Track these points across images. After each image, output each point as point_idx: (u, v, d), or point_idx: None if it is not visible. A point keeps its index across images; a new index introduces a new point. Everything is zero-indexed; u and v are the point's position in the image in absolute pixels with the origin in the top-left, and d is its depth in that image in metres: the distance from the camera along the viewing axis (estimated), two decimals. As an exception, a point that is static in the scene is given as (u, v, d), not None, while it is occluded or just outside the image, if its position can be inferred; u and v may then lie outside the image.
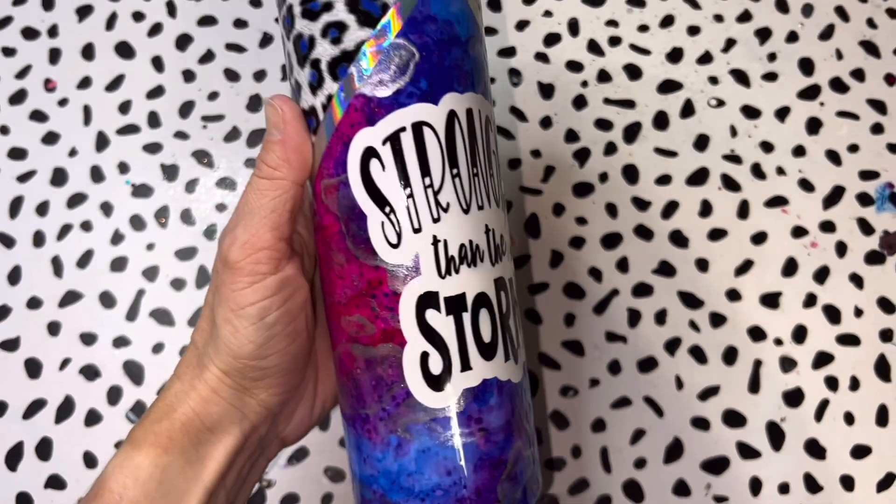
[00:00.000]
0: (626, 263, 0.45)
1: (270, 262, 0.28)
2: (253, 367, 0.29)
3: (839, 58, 0.49)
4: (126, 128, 0.48)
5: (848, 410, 0.43)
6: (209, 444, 0.29)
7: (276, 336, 0.29)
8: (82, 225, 0.46)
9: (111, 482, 0.28)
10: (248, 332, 0.28)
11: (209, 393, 0.29)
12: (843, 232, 0.46)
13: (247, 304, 0.28)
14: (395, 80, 0.27)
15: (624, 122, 0.47)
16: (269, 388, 0.30)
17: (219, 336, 0.28)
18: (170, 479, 0.28)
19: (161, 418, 0.29)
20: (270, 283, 0.28)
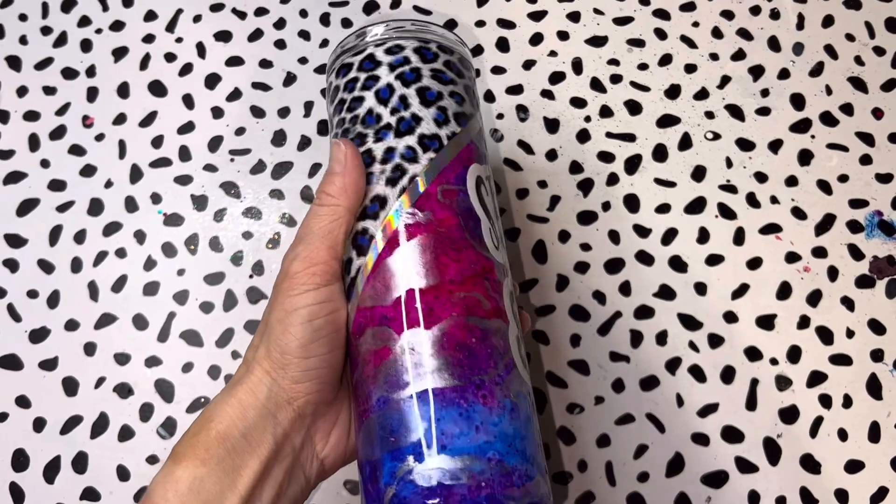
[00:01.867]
0: (628, 287, 0.48)
1: (324, 275, 0.32)
2: (295, 366, 0.32)
3: (829, 93, 0.51)
4: (158, 161, 0.51)
5: (841, 427, 0.45)
6: (244, 454, 0.31)
7: (319, 339, 0.32)
8: (117, 252, 0.49)
9: (154, 496, 0.30)
10: (296, 331, 0.31)
11: (247, 396, 0.32)
12: (835, 257, 0.48)
13: (300, 307, 0.32)
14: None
15: (625, 155, 0.50)
16: (306, 394, 0.32)
17: (270, 335, 0.32)
18: (207, 489, 0.30)
19: (199, 431, 0.31)
20: (322, 292, 0.32)
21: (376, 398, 0.31)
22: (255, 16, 0.54)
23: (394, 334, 0.32)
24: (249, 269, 0.49)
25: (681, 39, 0.53)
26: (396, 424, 0.31)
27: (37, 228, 0.50)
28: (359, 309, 0.33)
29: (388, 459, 0.30)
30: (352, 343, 0.33)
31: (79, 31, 0.54)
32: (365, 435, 0.32)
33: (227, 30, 0.54)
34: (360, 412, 0.32)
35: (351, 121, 0.35)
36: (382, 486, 0.30)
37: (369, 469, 0.31)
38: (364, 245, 0.33)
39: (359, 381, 0.32)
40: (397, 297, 0.32)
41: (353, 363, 0.33)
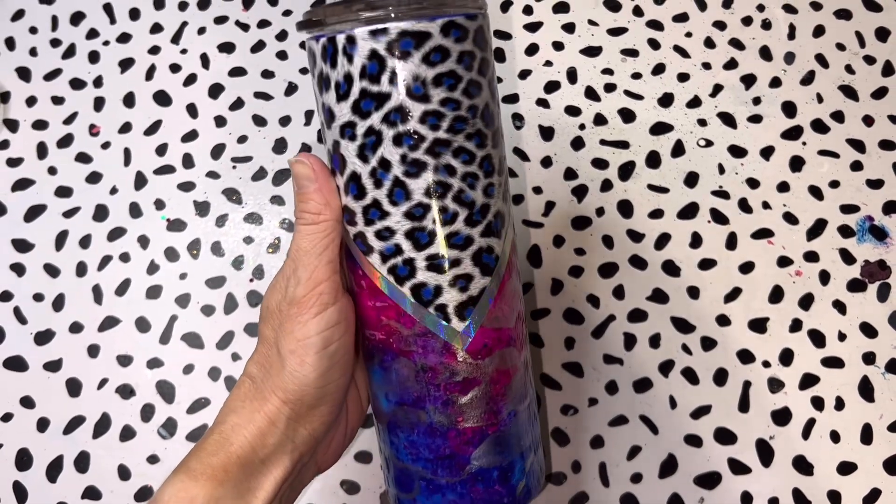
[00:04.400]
0: (621, 291, 0.48)
1: (331, 292, 0.32)
2: (313, 395, 0.32)
3: (820, 101, 0.52)
4: (162, 168, 0.52)
5: (834, 429, 0.46)
6: (261, 476, 0.32)
7: (335, 365, 0.32)
8: (121, 256, 0.50)
9: None
10: (313, 361, 0.31)
11: (267, 425, 0.32)
12: (826, 261, 0.49)
13: (312, 335, 0.31)
14: None
15: (619, 162, 0.51)
16: (321, 416, 0.33)
17: (284, 367, 0.32)
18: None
19: (217, 451, 0.32)
20: (332, 313, 0.32)
21: (507, 412, 0.34)
22: (257, 28, 0.55)
23: (516, 353, 0.35)
24: (250, 273, 0.50)
25: (674, 49, 0.54)
26: (524, 431, 0.35)
27: (43, 233, 0.51)
28: (483, 329, 0.33)
29: (519, 460, 0.35)
30: (468, 363, 0.33)
31: (87, 43, 0.55)
32: (492, 446, 0.34)
33: (230, 41, 0.55)
34: (485, 426, 0.34)
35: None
36: (514, 483, 0.35)
37: (498, 473, 0.34)
38: (490, 265, 0.33)
39: (481, 398, 0.33)
40: (516, 318, 0.35)
41: (472, 382, 0.33)
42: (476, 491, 0.34)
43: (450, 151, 0.31)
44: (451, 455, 0.34)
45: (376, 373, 0.35)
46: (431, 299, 0.32)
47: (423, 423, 0.34)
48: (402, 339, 0.33)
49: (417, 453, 0.34)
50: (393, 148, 0.31)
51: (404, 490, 0.36)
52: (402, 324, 0.33)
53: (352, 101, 0.31)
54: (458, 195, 0.32)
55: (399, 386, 0.34)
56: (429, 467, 0.34)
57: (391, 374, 0.34)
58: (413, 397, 0.34)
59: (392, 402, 0.35)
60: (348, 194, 0.32)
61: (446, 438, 0.34)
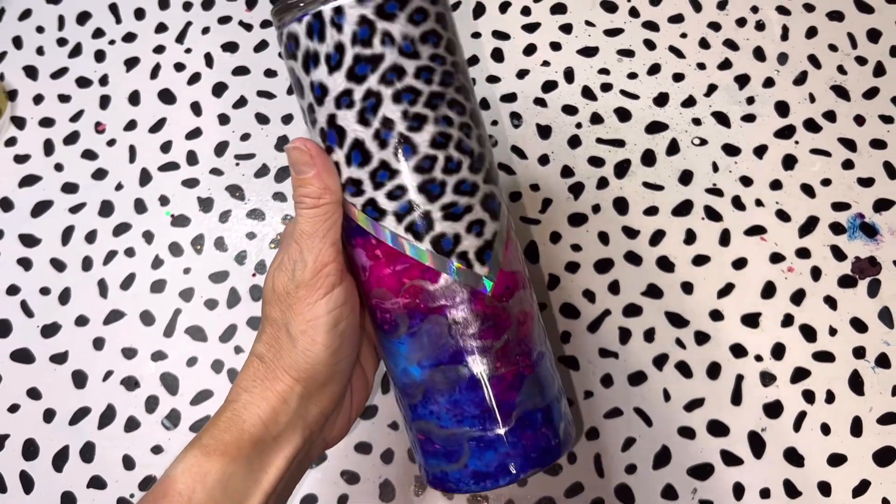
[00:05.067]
0: (617, 286, 0.49)
1: (337, 273, 0.33)
2: (325, 373, 0.33)
3: (812, 101, 0.53)
4: (167, 165, 0.53)
5: (824, 422, 0.46)
6: (272, 453, 0.32)
7: (345, 342, 0.33)
8: (126, 251, 0.51)
9: (180, 484, 0.31)
10: (324, 339, 0.32)
11: (279, 403, 0.33)
12: (818, 258, 0.49)
13: (322, 315, 0.32)
14: None
15: (615, 160, 0.52)
16: (331, 394, 0.34)
17: (296, 347, 0.32)
18: (234, 486, 0.31)
19: (230, 428, 0.32)
20: (339, 293, 0.33)
21: (536, 353, 0.35)
22: (260, 28, 0.56)
23: (530, 296, 0.36)
24: (252, 268, 0.51)
25: (669, 50, 0.54)
26: (552, 374, 0.37)
27: (50, 229, 0.52)
28: (502, 272, 0.34)
29: (556, 402, 0.36)
30: (496, 306, 0.34)
31: (93, 43, 0.56)
32: (532, 387, 0.35)
33: (234, 41, 0.56)
34: (522, 369, 0.34)
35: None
36: (557, 424, 0.36)
37: (542, 415, 0.35)
38: (496, 210, 0.34)
39: (513, 340, 0.34)
40: (522, 263, 0.36)
41: (502, 325, 0.34)
42: (526, 437, 0.34)
43: (445, 103, 0.33)
44: (497, 404, 0.34)
45: (404, 343, 0.34)
46: (452, 248, 0.33)
47: (465, 378, 0.34)
48: (430, 295, 0.33)
49: (462, 412, 0.34)
50: (394, 106, 0.32)
51: (452, 460, 0.35)
52: (428, 279, 0.33)
53: (346, 68, 0.32)
54: (459, 144, 0.33)
55: (433, 347, 0.34)
56: (477, 423, 0.34)
57: (422, 337, 0.34)
58: (450, 353, 0.33)
59: (427, 367, 0.34)
60: (352, 164, 0.33)
61: (490, 387, 0.34)
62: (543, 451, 0.35)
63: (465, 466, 0.34)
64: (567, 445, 0.37)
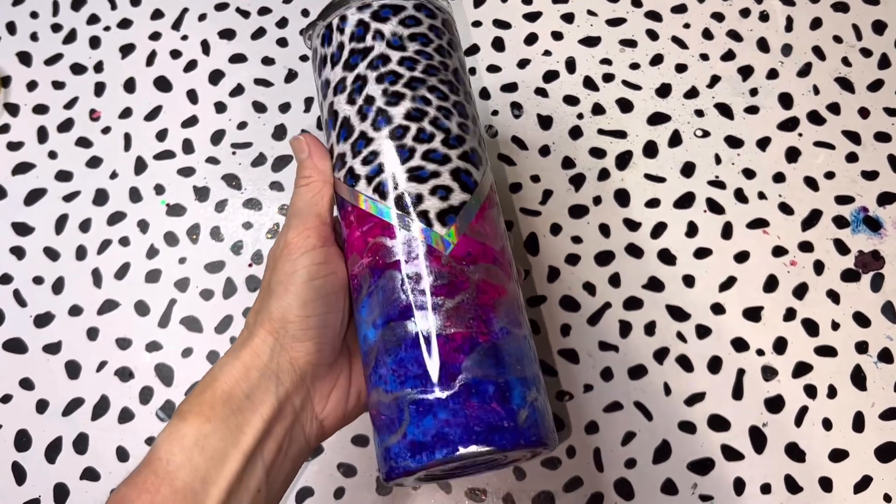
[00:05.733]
0: (617, 279, 0.49)
1: (318, 238, 0.35)
2: (296, 324, 0.33)
3: (816, 93, 0.52)
4: (162, 153, 0.52)
5: (826, 417, 0.46)
6: (247, 412, 0.33)
7: (319, 299, 0.34)
8: (121, 240, 0.51)
9: (160, 451, 0.31)
10: (297, 289, 0.34)
11: (251, 357, 0.33)
12: (821, 251, 0.49)
13: (299, 268, 0.34)
14: None
15: (616, 151, 0.51)
16: (307, 354, 0.34)
17: (271, 297, 0.34)
18: (211, 445, 0.31)
19: (204, 390, 0.33)
20: (319, 252, 0.35)
21: (499, 326, 0.34)
22: (258, 15, 0.56)
23: (504, 276, 0.35)
24: (249, 258, 0.50)
25: (672, 40, 0.54)
26: (521, 356, 0.34)
27: (43, 217, 0.51)
28: (466, 237, 0.34)
29: (518, 385, 0.33)
30: (453, 266, 0.34)
31: (88, 29, 0.55)
32: (485, 356, 0.33)
33: (231, 28, 0.55)
34: (475, 334, 0.33)
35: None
36: (515, 407, 0.33)
37: (494, 388, 0.33)
38: (469, 185, 0.35)
39: (469, 304, 0.33)
40: (503, 249, 0.36)
41: (458, 286, 0.33)
42: (471, 406, 0.32)
43: (425, 87, 0.36)
44: (440, 364, 0.33)
45: (364, 305, 0.35)
46: (413, 206, 0.34)
47: (411, 335, 0.33)
48: (388, 251, 0.34)
49: (406, 372, 0.33)
50: (376, 85, 0.36)
51: (393, 429, 0.33)
52: (387, 236, 0.34)
53: (343, 61, 0.36)
54: (434, 121, 0.35)
55: (385, 303, 0.34)
56: (418, 384, 0.33)
57: (378, 295, 0.34)
58: (399, 309, 0.33)
59: (379, 327, 0.34)
60: (340, 142, 0.36)
61: (435, 345, 0.33)
62: (490, 427, 0.32)
63: (403, 436, 0.33)
64: (527, 436, 0.33)
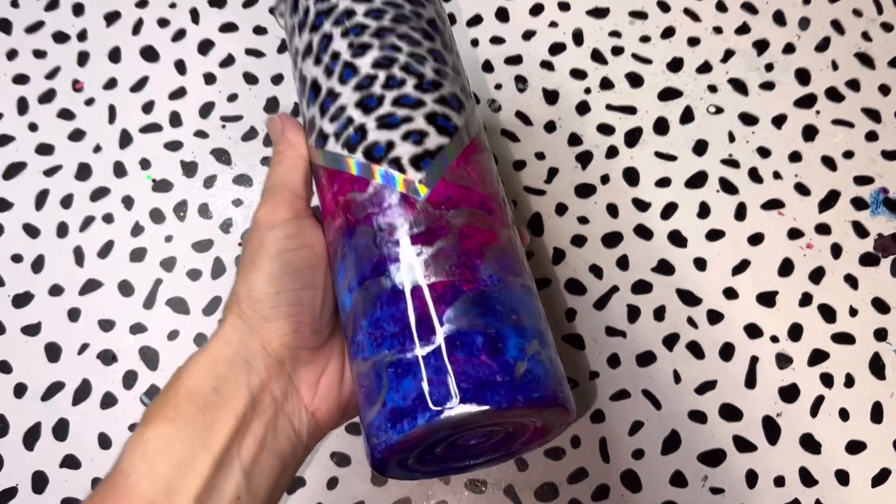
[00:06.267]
0: (626, 261, 0.47)
1: (288, 210, 0.33)
2: (265, 302, 0.31)
3: (835, 69, 0.50)
4: (149, 126, 0.50)
5: (843, 407, 0.44)
6: (216, 409, 0.29)
7: (289, 274, 0.31)
8: (104, 217, 0.48)
9: (122, 462, 0.28)
10: (264, 264, 0.31)
11: (218, 347, 0.30)
12: (838, 234, 0.47)
13: (266, 242, 0.32)
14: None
15: (625, 127, 0.49)
16: (280, 335, 0.31)
17: (239, 276, 0.32)
18: (176, 450, 0.28)
19: (169, 390, 0.29)
20: (288, 225, 0.32)
21: (487, 273, 0.30)
22: (250, -18, 0.53)
23: (495, 221, 0.32)
24: (239, 237, 0.48)
25: (684, 12, 0.52)
26: (516, 305, 0.30)
27: (23, 192, 0.49)
28: (445, 182, 0.31)
29: (514, 335, 0.29)
30: (430, 212, 0.30)
31: (71, -5, 0.53)
32: (470, 305, 0.29)
33: (221, -4, 0.53)
34: (458, 282, 0.29)
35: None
36: (510, 360, 0.29)
37: (483, 339, 0.29)
38: (448, 129, 0.32)
39: (450, 250, 0.30)
40: (492, 193, 0.33)
41: (436, 232, 0.30)
42: (455, 360, 0.28)
43: (394, 35, 0.34)
44: (418, 317, 0.29)
45: (339, 274, 0.32)
46: (384, 155, 0.31)
47: (386, 291, 0.30)
48: (359, 206, 0.31)
49: (382, 333, 0.29)
50: (341, 40, 0.33)
51: (373, 400, 0.29)
52: (357, 190, 0.31)
53: (309, 24, 0.35)
54: (406, 67, 0.33)
55: (358, 262, 0.31)
56: (395, 343, 0.29)
57: (351, 255, 0.31)
58: (373, 265, 0.30)
59: (354, 289, 0.31)
60: (310, 106, 0.34)
61: (412, 298, 0.29)
62: (479, 383, 0.28)
63: (383, 405, 0.29)
64: (527, 392, 0.28)
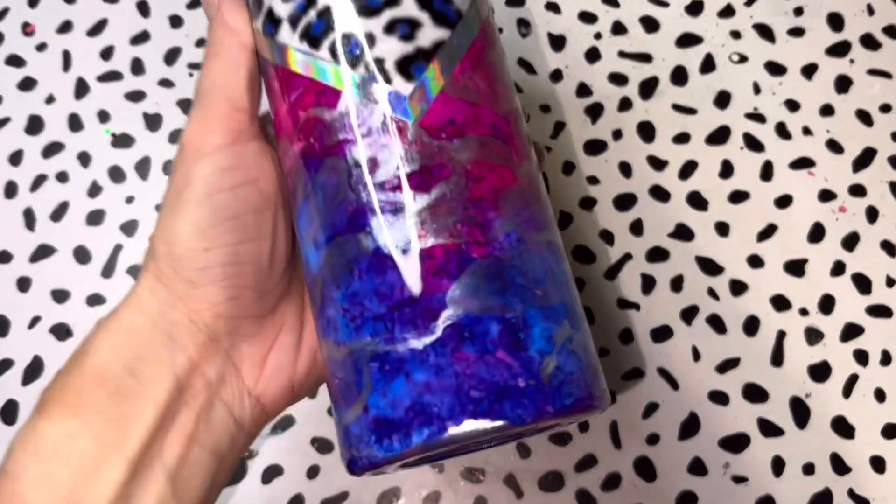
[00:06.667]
0: (640, 226, 0.43)
1: (225, 132, 0.25)
2: (190, 261, 0.24)
3: (870, 13, 0.47)
4: (108, 75, 0.46)
5: (879, 386, 0.41)
6: (133, 398, 0.24)
7: (224, 222, 0.25)
8: (58, 176, 0.45)
9: (10, 462, 0.23)
10: (189, 211, 0.24)
11: (132, 316, 0.25)
12: (874, 196, 0.44)
13: (195, 180, 0.24)
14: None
15: (640, 77, 0.46)
16: (212, 303, 0.25)
17: (158, 225, 0.25)
18: (80, 450, 0.23)
19: (72, 368, 0.24)
20: (224, 155, 0.25)
21: (504, 232, 0.23)
22: (221, -87, 0.48)
23: (514, 157, 0.24)
24: (209, 198, 0.44)
25: (705, -50, 0.47)
26: (542, 273, 0.23)
27: (-34, 147, 0.45)
28: (445, 96, 0.23)
29: (539, 318, 0.23)
30: (426, 142, 0.23)
31: (20, -73, 0.48)
32: (482, 279, 0.23)
33: (189, -71, 0.48)
34: (466, 245, 0.23)
35: None
36: (536, 355, 0.22)
37: (500, 327, 0.22)
38: (449, 16, 0.24)
39: (454, 198, 0.23)
40: (507, 111, 0.25)
41: (436, 171, 0.23)
42: (464, 358, 0.22)
43: None
44: (412, 297, 0.22)
45: (301, 219, 0.25)
46: (360, 54, 0.23)
47: (366, 254, 0.23)
48: (327, 128, 0.24)
49: (361, 312, 0.23)
50: None
51: (350, 399, 0.23)
52: (325, 105, 0.24)
53: None
54: None
55: (328, 208, 0.24)
56: (380, 329, 0.23)
57: (317, 196, 0.24)
58: (348, 216, 0.23)
59: (322, 245, 0.24)
60: None
61: (404, 269, 0.23)
62: (496, 391, 0.22)
63: (364, 410, 0.23)
64: (558, 399, 0.22)
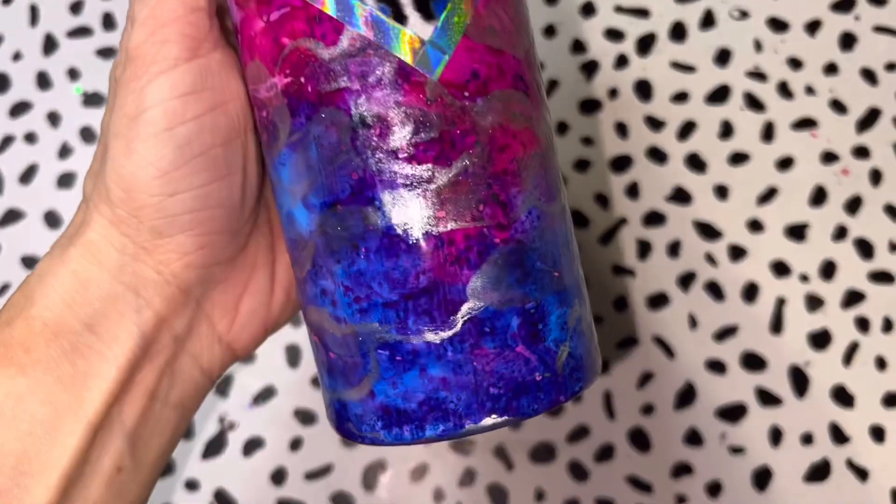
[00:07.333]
0: (636, 189, 0.42)
1: (182, 40, 0.21)
2: (154, 209, 0.21)
3: (877, -33, 0.45)
4: (77, 30, 0.44)
5: (880, 354, 0.40)
6: (92, 355, 0.21)
7: (191, 161, 0.21)
8: (26, 137, 0.43)
9: None
10: (147, 149, 0.20)
11: (86, 264, 0.21)
12: (878, 158, 0.42)
13: (150, 106, 0.20)
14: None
15: (637, 33, 0.44)
16: (180, 253, 0.22)
17: (108, 162, 0.21)
18: (29, 413, 0.20)
19: (13, 318, 0.21)
20: (184, 73, 0.21)
21: (526, 210, 0.21)
22: None
23: (534, 111, 0.21)
24: (185, 160, 0.42)
25: None
26: (559, 252, 0.22)
27: (-72, 106, 0.43)
28: (468, 42, 0.20)
29: (556, 304, 0.21)
30: (447, 103, 0.20)
31: None
32: (504, 268, 0.20)
33: None
34: (489, 230, 0.20)
35: None
36: (552, 345, 0.21)
37: (521, 320, 0.21)
38: None
39: (477, 173, 0.20)
40: (527, 49, 0.22)
41: (458, 141, 0.20)
42: (484, 355, 0.20)
43: None
44: (429, 286, 0.20)
45: (282, 167, 0.22)
46: None
47: (375, 232, 0.20)
48: (322, 69, 0.20)
49: (368, 295, 0.21)
50: None
51: (352, 381, 0.22)
52: (320, 37, 0.20)
53: None
54: None
55: (325, 168, 0.20)
56: (392, 318, 0.21)
57: (309, 150, 0.21)
58: (352, 184, 0.20)
59: (316, 208, 0.21)
60: None
61: (419, 254, 0.20)
62: (515, 387, 0.21)
63: (370, 395, 0.21)
64: (568, 387, 0.22)
